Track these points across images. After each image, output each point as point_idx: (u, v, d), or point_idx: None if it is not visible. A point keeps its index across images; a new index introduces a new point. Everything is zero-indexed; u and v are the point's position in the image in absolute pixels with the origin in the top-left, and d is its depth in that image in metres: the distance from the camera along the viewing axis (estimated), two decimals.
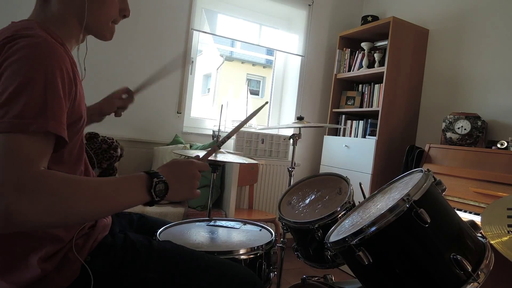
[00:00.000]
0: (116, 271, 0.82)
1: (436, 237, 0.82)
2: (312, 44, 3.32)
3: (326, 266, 1.27)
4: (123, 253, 0.85)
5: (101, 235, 0.84)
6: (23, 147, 0.59)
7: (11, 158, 0.57)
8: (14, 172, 0.56)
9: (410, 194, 0.82)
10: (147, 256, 0.87)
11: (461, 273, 0.78)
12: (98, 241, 0.83)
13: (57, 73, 0.66)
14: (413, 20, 2.77)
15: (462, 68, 2.53)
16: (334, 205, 1.28)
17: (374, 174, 2.60)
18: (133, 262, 0.85)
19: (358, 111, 2.98)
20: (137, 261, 0.85)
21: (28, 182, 0.56)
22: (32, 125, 0.60)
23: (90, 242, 0.81)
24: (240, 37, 3.18)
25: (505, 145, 1.97)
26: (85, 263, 0.79)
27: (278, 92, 3.46)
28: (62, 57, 0.69)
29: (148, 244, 0.90)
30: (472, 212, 1.84)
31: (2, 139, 0.58)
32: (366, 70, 2.88)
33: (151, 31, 2.68)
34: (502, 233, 0.85)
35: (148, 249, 0.88)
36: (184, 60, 2.83)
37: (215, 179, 1.58)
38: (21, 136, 0.59)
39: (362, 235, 0.83)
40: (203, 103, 3.56)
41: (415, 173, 1.01)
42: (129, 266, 0.84)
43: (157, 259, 0.88)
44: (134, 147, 2.62)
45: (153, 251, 0.89)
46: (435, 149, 2.25)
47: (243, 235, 1.28)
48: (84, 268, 0.79)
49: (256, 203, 2.98)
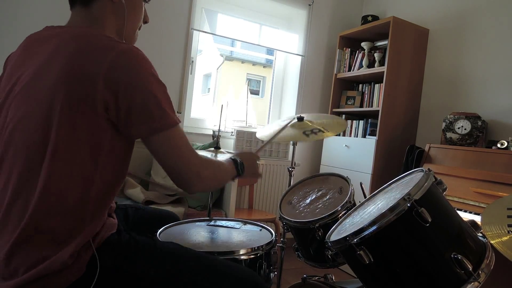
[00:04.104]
0: (119, 267, 0.83)
1: (436, 237, 0.82)
2: (312, 44, 3.32)
3: (326, 265, 1.27)
4: (127, 250, 0.86)
5: (107, 233, 0.85)
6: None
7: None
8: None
9: (411, 193, 0.82)
10: (150, 254, 0.88)
11: (461, 273, 0.78)
12: (104, 239, 0.84)
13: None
14: (413, 20, 2.77)
15: (462, 68, 2.53)
16: (335, 205, 1.28)
17: (374, 174, 2.60)
18: (136, 259, 0.85)
19: (358, 111, 2.98)
20: (140, 259, 0.86)
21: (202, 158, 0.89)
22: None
23: (98, 239, 0.82)
24: (240, 37, 3.18)
25: (505, 145, 1.97)
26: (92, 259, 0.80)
27: (278, 92, 3.46)
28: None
29: (152, 243, 0.91)
30: (473, 212, 1.84)
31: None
32: (366, 70, 2.88)
33: (151, 31, 2.67)
34: (502, 233, 0.85)
35: (152, 248, 0.89)
36: (184, 60, 2.83)
37: None
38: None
39: (362, 234, 0.83)
40: (203, 103, 3.55)
41: (416, 172, 1.02)
42: (132, 263, 0.84)
43: (160, 258, 0.88)
44: (134, 147, 2.60)
45: (156, 250, 0.89)
46: (435, 149, 2.25)
47: (243, 235, 1.28)
48: (89, 265, 0.79)
49: (256, 203, 2.98)
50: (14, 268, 0.76)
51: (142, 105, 0.78)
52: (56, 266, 0.75)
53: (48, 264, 0.75)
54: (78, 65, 0.76)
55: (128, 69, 0.76)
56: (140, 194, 2.30)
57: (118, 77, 0.76)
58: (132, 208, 1.25)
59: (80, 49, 0.78)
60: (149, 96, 0.78)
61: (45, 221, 0.76)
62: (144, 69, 0.79)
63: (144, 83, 0.78)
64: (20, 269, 0.75)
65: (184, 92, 2.84)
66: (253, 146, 2.96)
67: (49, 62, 0.79)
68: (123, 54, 0.77)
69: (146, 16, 1.03)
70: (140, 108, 0.78)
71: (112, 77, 0.75)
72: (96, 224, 0.82)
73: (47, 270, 0.75)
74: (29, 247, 0.76)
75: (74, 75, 0.76)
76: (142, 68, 0.78)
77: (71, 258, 0.77)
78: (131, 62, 0.77)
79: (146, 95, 0.78)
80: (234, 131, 2.91)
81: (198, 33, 2.92)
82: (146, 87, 0.78)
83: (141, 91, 0.77)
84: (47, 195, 0.76)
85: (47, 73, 0.78)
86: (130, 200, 2.29)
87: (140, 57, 0.79)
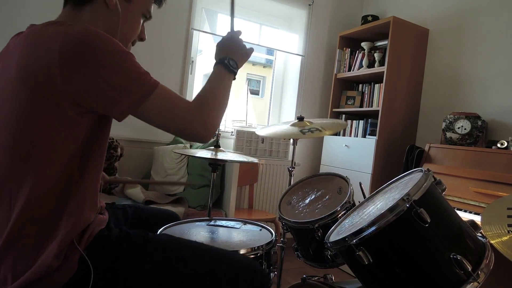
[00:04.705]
0: (112, 264, 0.82)
1: (436, 237, 0.82)
2: (312, 43, 3.32)
3: (326, 266, 1.27)
4: (118, 245, 0.84)
5: (96, 229, 0.84)
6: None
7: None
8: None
9: (410, 193, 0.82)
10: (142, 247, 0.86)
11: (461, 273, 0.78)
12: (93, 235, 0.82)
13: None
14: (413, 20, 2.77)
15: (462, 68, 2.53)
16: (334, 205, 1.28)
17: (374, 174, 2.60)
18: (128, 254, 0.84)
19: (358, 111, 2.98)
20: (132, 253, 0.84)
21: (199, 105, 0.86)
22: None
23: (86, 237, 0.81)
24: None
25: (505, 145, 1.97)
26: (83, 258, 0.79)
27: (278, 91, 3.46)
28: None
29: (143, 235, 0.89)
30: (472, 211, 1.84)
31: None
32: (366, 70, 2.88)
33: (151, 31, 2.67)
34: (502, 232, 0.85)
35: (144, 241, 0.88)
36: (184, 60, 2.83)
37: (215, 178, 1.57)
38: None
39: (362, 234, 0.83)
40: None
41: (415, 173, 1.01)
42: (124, 258, 0.83)
43: (153, 250, 0.87)
44: (134, 146, 2.62)
45: (148, 242, 0.88)
46: (435, 149, 2.25)
47: (243, 235, 1.28)
48: (81, 264, 0.78)
49: (256, 203, 2.98)
50: (3, 276, 0.75)
51: (111, 84, 0.73)
52: (42, 269, 0.74)
53: (34, 270, 0.74)
54: (31, 59, 0.72)
55: (81, 49, 0.71)
56: (140, 194, 2.30)
57: (73, 60, 0.71)
58: (131, 207, 1.24)
59: (32, 42, 0.74)
60: (115, 71, 0.73)
61: (27, 226, 0.75)
62: (99, 44, 0.72)
63: (103, 60, 0.72)
64: (8, 276, 0.75)
65: (184, 92, 2.84)
66: (253, 146, 2.97)
67: (9, 61, 0.77)
68: (74, 35, 0.71)
69: (143, 33, 0.98)
70: (111, 87, 0.73)
71: (67, 62, 0.70)
72: (77, 222, 0.79)
73: (34, 275, 0.74)
74: (15, 253, 0.75)
75: (30, 71, 0.72)
76: (97, 43, 0.72)
77: (57, 259, 0.75)
78: (82, 40, 0.71)
79: (111, 72, 0.72)
80: (234, 131, 2.91)
81: (198, 33, 2.92)
82: (107, 63, 0.72)
83: (104, 70, 0.72)
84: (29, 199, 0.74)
85: (8, 73, 0.76)
86: (130, 200, 2.29)
87: (93, 34, 0.72)
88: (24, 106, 0.73)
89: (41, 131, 0.74)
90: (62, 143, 0.76)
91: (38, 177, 0.75)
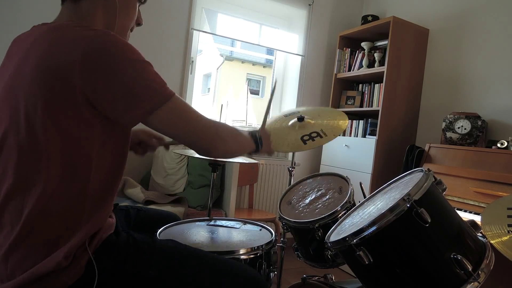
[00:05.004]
0: (118, 269, 0.82)
1: (436, 237, 0.82)
2: (312, 43, 3.31)
3: (326, 265, 1.27)
4: (125, 250, 0.85)
5: (105, 234, 0.84)
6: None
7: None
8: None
9: (410, 193, 0.82)
10: (149, 253, 0.87)
11: (461, 273, 0.78)
12: (102, 240, 0.83)
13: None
14: (413, 20, 2.77)
15: (462, 68, 2.53)
16: (334, 205, 1.28)
17: (374, 174, 2.60)
18: (135, 259, 0.84)
19: (358, 111, 2.98)
20: (139, 258, 0.85)
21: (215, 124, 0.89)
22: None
23: (96, 241, 0.81)
24: (240, 36, 3.18)
25: (505, 144, 1.97)
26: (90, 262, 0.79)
27: (278, 91, 3.46)
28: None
29: (150, 242, 0.90)
30: (472, 211, 1.84)
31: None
32: (366, 70, 2.88)
33: (151, 31, 2.67)
34: (502, 232, 0.85)
35: (151, 247, 0.88)
36: (184, 60, 2.83)
37: (215, 178, 1.57)
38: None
39: (362, 234, 0.83)
40: (203, 103, 3.56)
41: (416, 172, 1.01)
42: (131, 263, 0.83)
43: (159, 257, 0.87)
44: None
45: (155, 249, 0.88)
46: (435, 149, 2.25)
47: (243, 235, 1.28)
48: (88, 267, 0.78)
49: (256, 203, 2.98)
50: (11, 270, 0.75)
51: (127, 90, 0.74)
52: (50, 265, 0.74)
53: (42, 265, 0.74)
54: (52, 58, 0.73)
55: (103, 55, 0.73)
56: (140, 194, 2.30)
57: (94, 65, 0.72)
58: (134, 209, 1.24)
59: (54, 42, 0.75)
60: (133, 79, 0.74)
61: (40, 223, 0.76)
62: (121, 51, 0.74)
63: (123, 66, 0.74)
64: (16, 271, 0.75)
65: (184, 92, 2.84)
66: None
67: (25, 59, 0.77)
68: (96, 39, 0.74)
69: (140, 18, 0.99)
70: (126, 94, 0.74)
71: (88, 66, 0.72)
72: (93, 225, 0.80)
73: (42, 271, 0.74)
74: (24, 249, 0.75)
75: (49, 70, 0.73)
76: (119, 51, 0.74)
77: (66, 259, 0.76)
78: (106, 47, 0.73)
79: (129, 79, 0.74)
80: None
81: (198, 33, 2.92)
82: (126, 70, 0.74)
83: (122, 76, 0.74)
84: (42, 197, 0.75)
85: (24, 71, 0.76)
86: (130, 200, 2.29)
87: (114, 40, 0.75)
88: (40, 106, 0.73)
89: (56, 130, 0.74)
90: (78, 144, 0.76)
91: (50, 176, 0.75)
